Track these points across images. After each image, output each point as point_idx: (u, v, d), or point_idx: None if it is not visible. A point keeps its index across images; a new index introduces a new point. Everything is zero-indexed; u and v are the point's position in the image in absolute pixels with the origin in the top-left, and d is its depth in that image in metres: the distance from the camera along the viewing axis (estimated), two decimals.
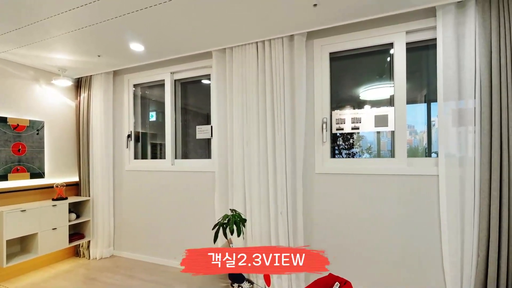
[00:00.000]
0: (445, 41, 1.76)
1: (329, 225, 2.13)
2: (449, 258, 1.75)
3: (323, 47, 2.18)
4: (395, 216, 1.94)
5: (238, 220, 2.00)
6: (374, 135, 2.10)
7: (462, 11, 1.73)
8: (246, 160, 2.27)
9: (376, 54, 2.10)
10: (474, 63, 1.69)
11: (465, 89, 1.71)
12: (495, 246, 1.57)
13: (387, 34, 1.99)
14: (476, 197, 1.66)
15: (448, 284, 1.75)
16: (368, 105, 2.10)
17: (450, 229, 1.74)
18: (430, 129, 1.96)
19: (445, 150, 1.75)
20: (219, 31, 2.06)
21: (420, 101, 2.00)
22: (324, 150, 2.17)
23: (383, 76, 2.07)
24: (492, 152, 1.59)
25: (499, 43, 1.60)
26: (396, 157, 1.96)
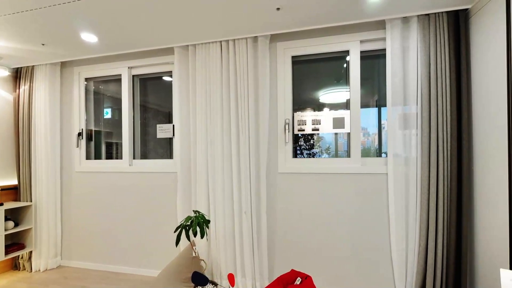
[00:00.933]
0: (393, 52, 1.95)
1: (291, 222, 2.21)
2: (396, 248, 1.95)
3: (286, 50, 2.25)
4: (351, 212, 2.10)
5: (202, 222, 1.97)
6: (332, 136, 2.24)
7: (407, 26, 1.93)
8: (210, 160, 2.25)
9: (334, 60, 2.24)
10: (417, 73, 1.89)
11: (409, 96, 1.92)
12: (433, 236, 1.80)
13: (343, 42, 2.14)
14: (417, 192, 1.88)
15: (395, 271, 1.95)
16: (327, 107, 2.23)
17: (397, 222, 1.94)
18: (380, 132, 2.16)
19: (393, 150, 1.94)
20: (181, 27, 2.01)
21: (372, 105, 2.18)
22: (286, 150, 2.25)
23: (340, 81, 2.22)
24: (430, 152, 1.81)
25: (436, 56, 1.83)
26: (351, 157, 2.12)
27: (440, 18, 1.82)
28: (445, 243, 1.79)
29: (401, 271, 1.94)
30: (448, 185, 1.78)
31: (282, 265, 2.23)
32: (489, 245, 1.62)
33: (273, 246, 2.25)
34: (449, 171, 1.79)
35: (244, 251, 2.17)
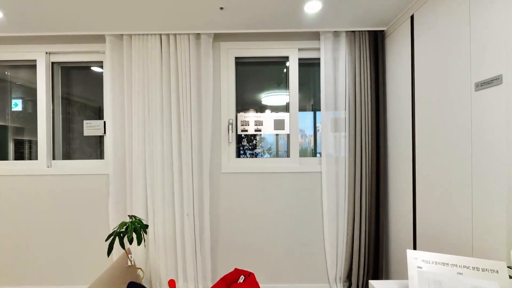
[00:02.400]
0: (326, 62, 2.16)
1: (234, 222, 2.24)
2: (328, 240, 2.16)
3: (229, 51, 2.27)
4: (290, 209, 2.24)
5: (139, 227, 1.83)
6: (273, 137, 2.35)
7: (337, 40, 2.17)
8: (148, 160, 2.10)
9: (275, 65, 2.36)
10: (345, 82, 2.14)
11: (339, 102, 2.15)
12: (358, 226, 2.07)
13: (284, 48, 2.27)
14: (346, 188, 2.12)
15: (328, 260, 2.16)
16: (269, 109, 2.33)
17: (329, 215, 2.16)
18: (315, 133, 2.37)
19: (326, 151, 2.15)
20: (114, 13, 1.82)
21: (308, 109, 2.38)
22: (230, 150, 2.26)
23: (281, 85, 2.35)
24: (356, 153, 2.08)
25: (360, 68, 2.10)
26: (291, 157, 2.27)
27: (364, 35, 2.10)
28: (367, 231, 2.08)
29: (333, 260, 2.17)
30: (369, 181, 2.07)
31: (225, 265, 2.24)
32: (399, 231, 1.94)
33: (216, 247, 2.24)
34: (370, 168, 2.08)
35: (186, 255, 2.09)
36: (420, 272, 0.96)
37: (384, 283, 1.08)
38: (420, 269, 0.96)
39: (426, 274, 0.94)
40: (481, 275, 0.88)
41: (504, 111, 1.11)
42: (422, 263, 0.97)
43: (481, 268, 0.89)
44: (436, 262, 0.96)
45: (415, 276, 0.95)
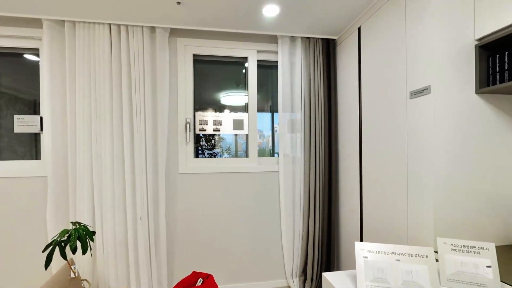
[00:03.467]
0: (283, 65, 2.24)
1: (193, 223, 2.18)
2: (285, 236, 2.25)
3: (187, 48, 2.20)
4: (249, 208, 2.27)
5: (84, 234, 1.67)
6: (232, 137, 2.36)
7: (294, 45, 2.26)
8: (95, 161, 1.92)
9: (235, 65, 2.36)
10: (301, 85, 2.25)
11: (295, 104, 2.25)
12: (312, 222, 2.19)
13: (243, 49, 2.29)
14: (301, 186, 2.23)
15: (285, 256, 2.25)
16: (228, 109, 2.33)
17: (286, 213, 2.25)
18: (273, 134, 2.44)
19: (283, 151, 2.23)
20: None
21: (266, 110, 2.44)
22: (187, 150, 2.20)
23: (240, 85, 2.36)
24: (310, 153, 2.20)
25: (314, 73, 2.22)
26: (249, 157, 2.30)
27: (317, 42, 2.23)
28: (320, 227, 2.22)
29: (289, 255, 2.26)
30: (323, 179, 2.21)
31: (183, 269, 2.17)
32: (348, 224, 2.11)
33: (173, 251, 2.16)
34: (323, 168, 2.21)
35: (139, 261, 1.97)
36: (366, 261, 1.06)
37: (336, 274, 1.17)
38: (366, 259, 1.07)
39: (371, 263, 1.05)
40: (414, 260, 1.01)
41: (432, 117, 1.29)
42: (368, 253, 1.08)
43: (415, 254, 1.03)
44: (379, 251, 1.07)
45: (361, 265, 1.05)
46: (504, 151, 1.35)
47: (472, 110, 1.32)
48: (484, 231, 1.32)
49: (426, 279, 0.97)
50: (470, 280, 1.00)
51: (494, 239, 1.33)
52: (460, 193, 1.30)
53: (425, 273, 0.98)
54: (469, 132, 1.32)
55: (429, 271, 0.98)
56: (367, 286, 1.01)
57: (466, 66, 1.32)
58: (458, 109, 1.31)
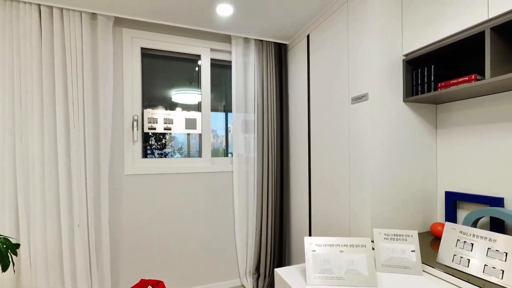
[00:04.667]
0: (237, 66, 2.25)
1: (141, 228, 2.05)
2: (239, 236, 2.27)
3: (134, 40, 2.06)
4: (203, 209, 2.23)
5: (4, 248, 1.44)
6: (185, 136, 2.28)
7: (248, 46, 2.30)
8: (20, 160, 1.67)
9: (187, 62, 2.29)
10: (254, 87, 2.30)
11: (249, 105, 2.29)
12: (265, 220, 2.25)
13: (196, 46, 2.23)
14: (255, 185, 2.28)
15: (239, 255, 2.27)
16: (179, 107, 2.25)
17: (240, 212, 2.27)
18: (227, 134, 2.44)
19: (237, 151, 2.25)
20: None
21: (220, 110, 2.42)
22: (135, 149, 2.06)
23: (193, 83, 2.30)
24: (263, 153, 2.26)
25: (267, 75, 2.29)
26: (203, 157, 2.26)
27: (270, 46, 2.30)
28: (272, 224, 2.29)
29: (243, 254, 2.29)
30: (275, 178, 2.29)
31: (130, 278, 2.02)
32: (298, 221, 2.23)
33: (118, 258, 1.99)
34: (275, 167, 2.30)
35: (77, 273, 1.77)
36: (314, 254, 1.14)
37: (287, 269, 1.23)
38: (314, 252, 1.15)
39: (318, 256, 1.14)
40: (355, 250, 1.13)
41: (369, 122, 1.45)
42: (316, 247, 1.16)
43: (355, 245, 1.14)
44: (325, 244, 1.16)
45: (310, 258, 1.13)
46: (425, 152, 1.59)
47: (401, 116, 1.53)
48: (409, 220, 1.54)
49: (364, 267, 1.09)
50: (399, 264, 1.16)
51: (417, 227, 1.56)
52: (391, 189, 1.49)
53: (364, 261, 1.10)
54: (398, 135, 1.52)
55: (367, 259, 1.10)
56: (315, 277, 1.09)
57: (396, 78, 1.52)
58: (390, 115, 1.50)
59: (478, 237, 1.07)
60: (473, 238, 1.08)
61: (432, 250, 1.30)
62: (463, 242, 1.10)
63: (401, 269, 1.15)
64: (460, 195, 1.47)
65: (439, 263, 1.15)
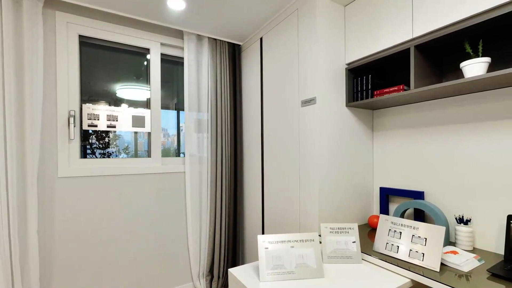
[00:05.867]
0: (189, 63, 2.18)
1: (79, 237, 1.83)
2: (192, 238, 2.20)
3: (70, 25, 1.84)
4: (153, 212, 2.10)
5: None
6: (131, 135, 2.12)
7: (201, 43, 2.25)
8: None
9: (135, 55, 2.13)
10: (208, 86, 2.26)
11: (202, 104, 2.24)
12: (219, 220, 2.23)
13: (144, 39, 2.10)
14: (208, 186, 2.24)
15: (192, 258, 2.19)
16: (125, 104, 2.08)
17: (192, 214, 2.20)
18: (179, 133, 2.34)
19: (189, 151, 2.18)
20: None
21: (172, 108, 2.32)
22: (71, 149, 1.84)
23: (141, 78, 2.15)
24: (217, 153, 2.24)
25: (221, 75, 2.27)
26: (152, 157, 2.13)
27: (224, 45, 2.29)
28: (226, 225, 2.28)
29: (196, 257, 2.23)
30: (229, 179, 2.29)
31: None
32: (252, 219, 2.27)
33: (49, 273, 1.74)
34: (229, 168, 2.29)
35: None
36: (267, 252, 1.18)
37: (240, 268, 1.25)
38: (267, 249, 1.19)
39: (271, 253, 1.18)
40: (304, 245, 1.20)
41: (317, 124, 1.56)
42: (268, 244, 1.20)
43: (304, 240, 1.22)
44: (277, 241, 1.21)
45: (263, 256, 1.17)
46: (364, 152, 1.77)
47: (344, 120, 1.67)
48: (351, 214, 1.70)
49: (313, 260, 1.17)
50: (342, 254, 1.27)
51: (357, 220, 1.73)
52: (336, 185, 1.63)
53: (312, 254, 1.18)
54: (342, 137, 1.66)
55: (315, 252, 1.18)
56: (268, 274, 1.13)
57: (340, 84, 1.66)
58: (334, 118, 1.63)
59: (405, 226, 1.24)
60: (401, 227, 1.25)
61: (369, 240, 1.46)
62: (394, 231, 1.27)
63: (344, 259, 1.27)
64: (391, 190, 1.67)
65: (375, 251, 1.30)
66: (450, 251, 1.18)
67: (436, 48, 1.35)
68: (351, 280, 1.11)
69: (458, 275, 1.03)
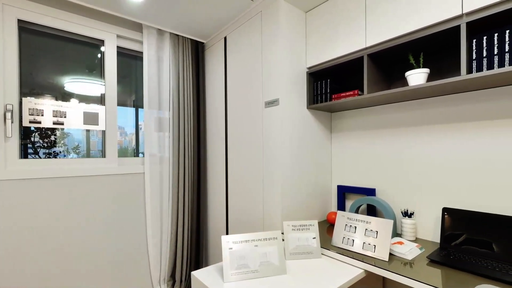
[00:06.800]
0: (149, 58, 2.08)
1: (19, 250, 1.62)
2: (152, 242, 2.09)
3: (7, 8, 1.63)
4: (108, 216, 1.95)
5: None
6: (83, 133, 1.94)
7: (162, 39, 2.15)
8: None
9: (87, 46, 1.96)
10: (169, 83, 2.17)
11: (163, 102, 2.15)
12: (181, 222, 2.15)
13: (99, 30, 1.95)
14: (170, 187, 2.16)
15: (151, 263, 2.09)
16: (76, 99, 1.90)
17: (153, 217, 2.09)
18: (138, 132, 2.21)
19: (149, 150, 2.07)
20: None
21: (130, 105, 2.18)
22: (8, 148, 1.62)
23: (94, 71, 1.99)
24: (179, 153, 2.16)
25: (183, 72, 2.21)
26: (107, 157, 1.98)
27: (187, 42, 2.23)
28: (189, 227, 2.21)
29: (157, 262, 2.12)
30: (192, 179, 2.22)
31: None
32: (216, 220, 2.24)
33: None
34: (192, 168, 2.23)
35: None
36: (231, 252, 1.18)
37: (204, 270, 1.23)
38: (231, 250, 1.19)
39: (235, 253, 1.18)
40: (268, 243, 1.23)
41: (279, 125, 1.60)
42: (232, 244, 1.20)
43: (268, 238, 1.25)
44: (241, 241, 1.22)
45: (227, 256, 1.17)
46: (323, 152, 1.87)
47: (305, 121, 1.75)
48: (312, 211, 1.78)
49: (276, 257, 1.20)
50: (303, 250, 1.33)
51: (317, 216, 1.82)
52: (297, 185, 1.69)
53: (276, 252, 1.21)
54: (303, 138, 1.73)
55: (278, 250, 1.22)
56: (232, 274, 1.13)
57: (302, 87, 1.73)
58: (297, 119, 1.69)
59: (359, 221, 1.34)
60: (356, 222, 1.35)
61: (328, 235, 1.55)
62: (349, 226, 1.36)
63: (305, 254, 1.32)
64: (347, 188, 1.80)
65: (333, 245, 1.38)
66: (397, 242, 1.31)
67: (386, 58, 1.48)
68: (311, 274, 1.16)
69: (404, 263, 1.15)
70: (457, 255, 1.18)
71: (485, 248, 1.16)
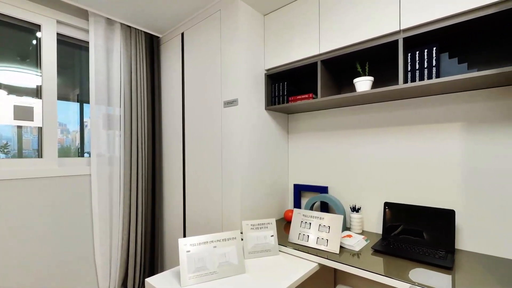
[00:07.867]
0: (96, 49, 1.90)
1: None
2: (100, 251, 1.91)
3: None
4: (49, 222, 1.72)
5: None
6: (13, 129, 1.68)
7: (111, 29, 1.98)
8: None
9: (19, 30, 1.71)
10: (120, 77, 2.01)
11: (113, 98, 1.98)
12: (134, 227, 2.01)
13: (34, 13, 1.72)
14: (121, 189, 2.00)
15: (99, 273, 1.91)
16: (4, 90, 1.64)
17: (100, 222, 1.92)
18: (83, 130, 2.00)
19: (96, 150, 1.89)
20: None
21: (73, 99, 1.96)
22: None
23: (28, 60, 1.75)
24: (132, 152, 2.02)
25: (136, 67, 2.06)
26: (44, 157, 1.75)
27: (140, 35, 2.09)
28: (143, 231, 2.08)
29: (105, 272, 1.95)
30: (146, 180, 2.09)
31: None
32: (173, 223, 2.15)
33: None
34: (146, 168, 2.10)
35: None
36: (189, 255, 1.15)
37: (160, 276, 1.18)
38: (189, 253, 1.16)
39: (193, 255, 1.16)
40: (226, 244, 1.23)
41: (239, 125, 1.61)
42: (190, 247, 1.17)
43: (227, 239, 1.24)
44: (199, 243, 1.20)
45: (184, 260, 1.13)
46: (281, 152, 1.93)
47: (263, 122, 1.78)
48: (270, 210, 1.83)
49: (235, 257, 1.21)
50: (262, 249, 1.36)
51: (275, 215, 1.88)
52: (256, 184, 1.72)
53: (234, 252, 1.22)
54: (262, 138, 1.77)
55: (237, 250, 1.22)
56: (190, 277, 1.11)
57: (260, 88, 1.76)
58: (255, 120, 1.72)
59: (313, 217, 1.42)
60: (310, 218, 1.42)
61: (285, 232, 1.61)
62: (305, 222, 1.43)
63: (264, 252, 1.36)
64: (303, 186, 1.88)
65: (290, 242, 1.44)
66: (346, 235, 1.42)
67: (338, 64, 1.59)
68: (269, 271, 1.20)
69: (352, 254, 1.25)
70: (396, 244, 1.33)
71: (417, 236, 1.33)
